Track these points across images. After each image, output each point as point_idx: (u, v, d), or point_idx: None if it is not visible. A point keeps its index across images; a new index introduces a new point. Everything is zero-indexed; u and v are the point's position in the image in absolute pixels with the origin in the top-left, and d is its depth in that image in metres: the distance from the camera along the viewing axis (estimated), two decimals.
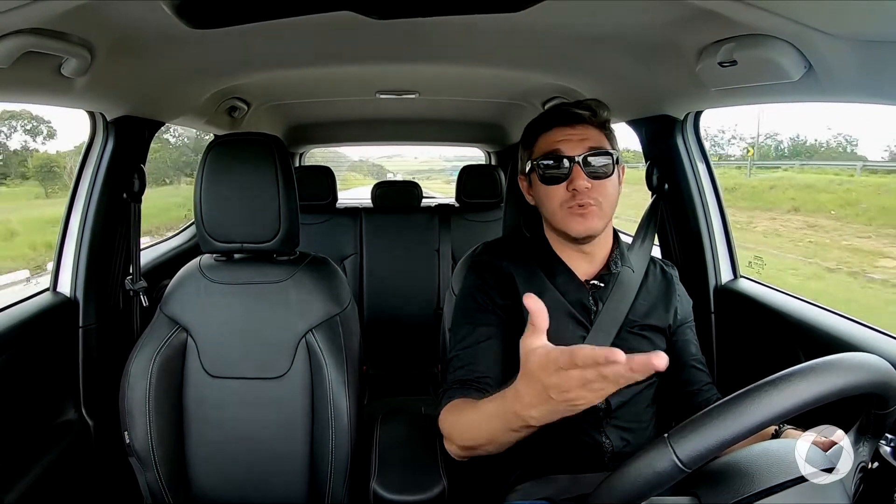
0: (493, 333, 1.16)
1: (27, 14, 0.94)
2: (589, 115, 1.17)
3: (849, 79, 1.02)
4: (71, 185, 1.70)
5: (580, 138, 1.15)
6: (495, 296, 1.19)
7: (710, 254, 1.73)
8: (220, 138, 1.47)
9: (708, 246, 1.73)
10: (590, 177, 1.12)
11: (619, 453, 1.14)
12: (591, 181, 1.12)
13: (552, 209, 1.16)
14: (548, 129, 1.18)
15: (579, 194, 1.12)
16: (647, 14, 1.22)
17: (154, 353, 1.40)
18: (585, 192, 1.12)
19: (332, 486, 1.39)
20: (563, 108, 1.19)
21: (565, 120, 1.17)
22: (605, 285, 1.19)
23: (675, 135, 1.72)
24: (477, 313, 1.19)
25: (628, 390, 1.16)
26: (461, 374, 1.13)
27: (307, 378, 1.42)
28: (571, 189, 1.13)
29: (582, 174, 1.12)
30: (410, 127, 3.60)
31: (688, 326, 1.26)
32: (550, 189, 1.15)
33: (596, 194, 1.13)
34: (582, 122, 1.16)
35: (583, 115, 1.16)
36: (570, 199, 1.13)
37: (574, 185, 1.12)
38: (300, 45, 1.54)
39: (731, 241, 1.76)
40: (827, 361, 0.68)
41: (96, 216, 1.66)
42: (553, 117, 1.19)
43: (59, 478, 1.46)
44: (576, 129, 1.16)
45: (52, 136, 9.86)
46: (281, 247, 1.45)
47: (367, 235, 3.15)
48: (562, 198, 1.14)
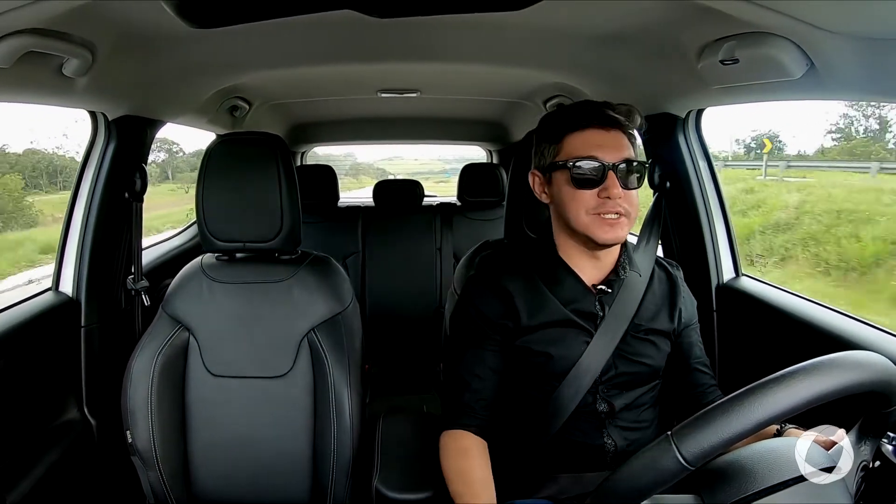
0: (488, 357, 1.18)
1: (28, 14, 0.94)
2: (624, 122, 1.12)
3: (851, 76, 1.01)
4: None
5: (617, 145, 1.11)
6: (491, 318, 1.18)
7: (712, 252, 1.73)
8: (222, 138, 1.47)
9: (710, 244, 1.73)
10: (622, 186, 1.09)
11: (622, 453, 1.14)
12: (623, 191, 1.09)
13: (577, 213, 1.11)
14: (580, 128, 1.13)
15: (611, 202, 1.09)
16: (648, 12, 1.22)
17: (156, 353, 1.40)
18: (618, 200, 1.09)
19: (334, 485, 1.39)
20: (600, 109, 1.13)
21: (602, 122, 1.12)
22: (611, 290, 1.18)
23: (677, 133, 1.72)
24: (475, 336, 1.19)
25: (631, 392, 1.16)
26: (462, 398, 1.17)
27: (309, 377, 1.43)
28: (604, 196, 1.09)
29: (617, 182, 1.08)
30: (412, 125, 3.60)
31: (692, 328, 1.25)
32: (579, 193, 1.11)
33: (625, 203, 1.10)
34: (617, 127, 1.12)
35: (619, 120, 1.12)
36: (600, 206, 1.09)
37: (608, 192, 1.08)
38: (301, 44, 1.54)
39: (732, 239, 1.76)
40: (829, 360, 0.68)
41: (98, 216, 1.66)
42: (588, 116, 1.13)
43: (61, 477, 1.46)
44: (611, 134, 1.11)
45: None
46: (283, 246, 1.45)
47: (369, 234, 3.15)
48: (591, 203, 1.10)
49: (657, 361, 1.18)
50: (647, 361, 1.17)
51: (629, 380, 1.16)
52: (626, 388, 1.16)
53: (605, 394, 1.15)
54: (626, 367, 1.15)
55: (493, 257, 1.31)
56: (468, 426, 1.14)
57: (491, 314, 1.17)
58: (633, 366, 1.16)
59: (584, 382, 1.13)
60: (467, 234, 3.12)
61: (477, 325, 1.18)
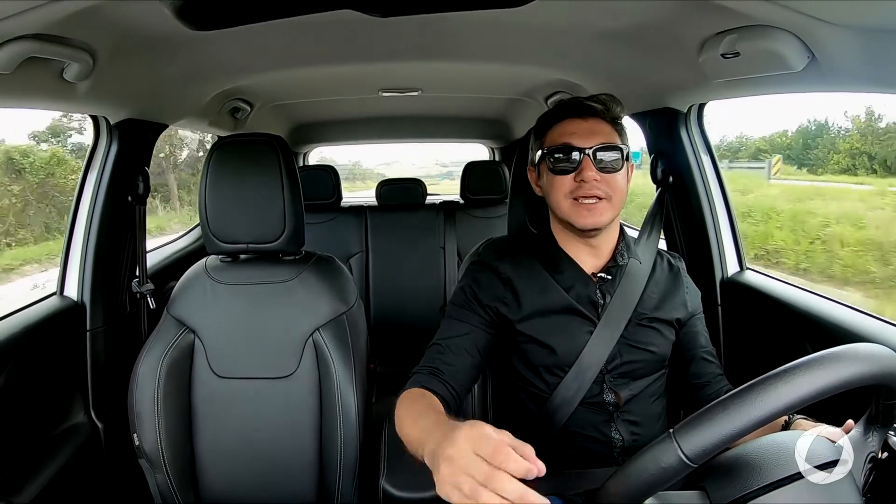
0: (471, 331, 1.17)
1: (29, 20, 0.95)
2: (602, 109, 1.17)
3: (852, 68, 1.01)
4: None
5: (591, 131, 1.15)
6: (483, 296, 1.19)
7: (716, 246, 1.72)
8: (224, 140, 1.48)
9: (714, 238, 1.72)
10: (599, 170, 1.12)
11: (630, 447, 1.14)
12: (600, 174, 1.12)
13: (558, 199, 1.16)
14: (559, 120, 1.18)
15: (587, 185, 1.12)
16: (648, 7, 1.22)
17: (162, 355, 1.41)
18: (594, 183, 1.12)
19: (341, 485, 1.40)
20: (576, 101, 1.19)
21: (578, 112, 1.17)
22: (612, 278, 1.19)
23: (679, 127, 1.72)
24: (461, 309, 1.20)
25: (638, 382, 1.17)
26: (432, 362, 1.15)
27: (315, 377, 1.43)
28: (579, 180, 1.12)
29: (591, 166, 1.12)
30: (414, 124, 3.60)
31: (697, 318, 1.26)
32: (557, 179, 1.15)
33: (605, 187, 1.12)
34: (594, 116, 1.17)
35: (595, 109, 1.17)
36: (576, 190, 1.13)
37: (582, 176, 1.12)
38: (302, 44, 1.55)
39: (736, 233, 1.75)
40: (833, 353, 0.68)
41: (102, 219, 1.66)
42: (566, 109, 1.19)
43: (69, 480, 1.47)
44: (587, 122, 1.16)
45: None
46: (286, 246, 1.45)
47: (373, 233, 3.15)
48: (568, 188, 1.14)
49: (662, 349, 1.19)
50: (652, 349, 1.17)
51: (635, 368, 1.16)
52: (633, 378, 1.17)
53: (612, 383, 1.15)
54: (631, 355, 1.16)
55: (496, 243, 1.33)
56: (434, 392, 1.08)
57: (484, 293, 1.19)
58: (638, 353, 1.16)
59: (590, 373, 1.14)
60: (471, 231, 3.11)
61: (467, 301, 1.20)
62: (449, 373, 1.13)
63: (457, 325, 1.19)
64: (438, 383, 1.11)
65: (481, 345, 1.18)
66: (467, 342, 1.17)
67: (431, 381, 1.11)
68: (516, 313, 1.17)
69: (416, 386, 1.10)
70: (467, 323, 1.18)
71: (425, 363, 1.16)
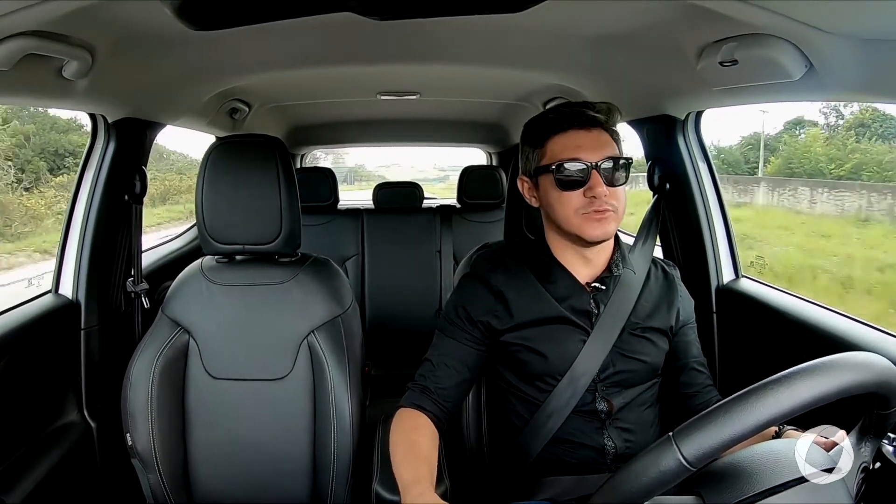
0: (461, 349, 1.19)
1: (28, 17, 0.94)
2: (604, 120, 1.14)
3: (850, 77, 1.01)
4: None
5: (597, 143, 1.12)
6: (474, 313, 1.19)
7: (711, 254, 1.72)
8: (222, 140, 1.48)
9: (710, 246, 1.72)
10: (606, 183, 1.10)
11: (622, 455, 1.14)
12: (608, 189, 1.10)
13: (566, 214, 1.12)
14: (562, 130, 1.14)
15: (597, 201, 1.09)
16: (647, 14, 1.22)
17: (156, 355, 1.40)
18: (604, 199, 1.09)
19: (334, 488, 1.39)
20: (578, 110, 1.14)
21: (582, 122, 1.13)
22: (606, 288, 1.18)
23: (677, 135, 1.72)
24: (452, 327, 1.21)
25: (630, 391, 1.16)
26: (424, 380, 1.18)
27: (309, 379, 1.42)
28: (590, 196, 1.10)
29: (601, 181, 1.09)
30: (411, 128, 3.60)
31: (689, 327, 1.25)
32: (566, 195, 1.12)
33: (612, 200, 1.10)
34: (598, 126, 1.14)
35: (599, 119, 1.13)
36: (587, 206, 1.10)
37: (593, 192, 1.09)
38: (301, 46, 1.55)
39: (732, 241, 1.76)
40: (829, 361, 0.68)
41: (98, 218, 1.65)
42: (568, 119, 1.14)
43: (61, 479, 1.46)
44: (592, 133, 1.13)
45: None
46: (282, 248, 1.45)
47: (369, 236, 3.15)
48: (578, 203, 1.11)
49: (655, 359, 1.19)
50: (645, 359, 1.17)
51: (628, 377, 1.16)
52: (625, 387, 1.16)
53: (604, 392, 1.15)
54: (624, 364, 1.15)
55: (487, 254, 1.32)
56: (425, 410, 1.15)
57: (475, 310, 1.19)
58: (631, 363, 1.16)
59: (583, 382, 1.13)
60: (467, 236, 3.12)
61: (458, 318, 1.20)
62: (439, 392, 1.16)
63: (448, 343, 1.20)
64: (430, 402, 1.16)
65: (471, 363, 1.19)
66: (457, 361, 1.18)
67: (423, 399, 1.16)
68: (508, 324, 1.17)
69: (409, 404, 1.16)
70: (457, 341, 1.19)
71: (418, 380, 1.19)
